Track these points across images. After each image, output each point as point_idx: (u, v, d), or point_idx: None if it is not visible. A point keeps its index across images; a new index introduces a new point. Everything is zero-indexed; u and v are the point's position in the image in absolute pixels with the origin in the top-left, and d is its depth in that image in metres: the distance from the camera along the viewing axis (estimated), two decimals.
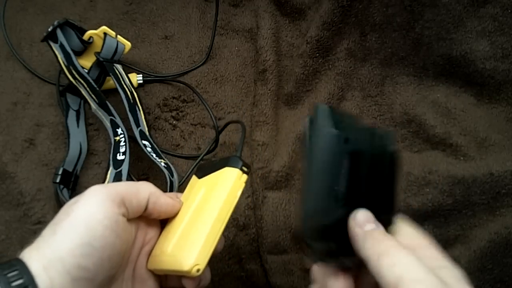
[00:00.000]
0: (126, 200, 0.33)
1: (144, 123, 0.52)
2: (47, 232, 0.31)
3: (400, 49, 0.55)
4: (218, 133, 0.52)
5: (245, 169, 0.37)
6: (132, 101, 0.52)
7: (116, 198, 0.33)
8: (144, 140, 0.50)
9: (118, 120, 0.50)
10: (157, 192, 0.36)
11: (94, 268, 0.30)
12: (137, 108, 0.52)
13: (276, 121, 0.55)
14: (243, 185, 0.37)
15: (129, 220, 0.34)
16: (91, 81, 0.49)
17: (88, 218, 0.31)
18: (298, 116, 0.55)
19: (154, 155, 0.49)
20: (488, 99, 0.53)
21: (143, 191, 0.35)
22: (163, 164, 0.48)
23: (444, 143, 0.51)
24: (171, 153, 0.54)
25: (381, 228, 0.28)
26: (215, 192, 0.36)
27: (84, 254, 0.30)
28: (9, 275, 0.29)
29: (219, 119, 0.56)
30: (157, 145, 0.52)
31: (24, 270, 0.29)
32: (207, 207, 0.36)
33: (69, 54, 0.49)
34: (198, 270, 0.33)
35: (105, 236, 0.31)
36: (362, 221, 0.28)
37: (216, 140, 0.52)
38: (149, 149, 0.49)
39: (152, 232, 0.38)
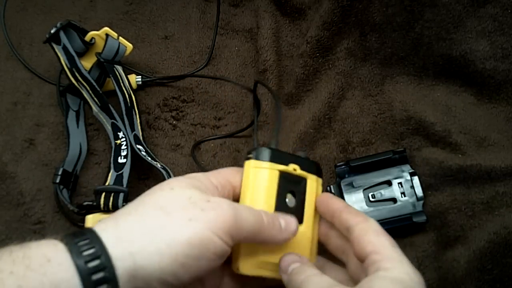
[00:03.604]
0: (242, 238, 0.32)
1: (139, 127, 0.53)
2: (149, 215, 0.29)
3: (400, 49, 0.55)
4: (256, 99, 0.48)
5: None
6: (129, 104, 0.52)
7: (236, 234, 0.31)
8: (138, 144, 0.50)
9: (119, 124, 0.50)
10: (275, 239, 0.34)
11: (186, 280, 0.29)
12: (133, 112, 0.52)
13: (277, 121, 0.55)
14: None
15: None
16: (94, 83, 0.49)
17: (207, 237, 0.29)
18: (298, 116, 0.55)
19: (149, 158, 0.49)
20: (488, 99, 0.53)
21: (262, 236, 0.33)
22: (159, 166, 0.48)
23: (444, 141, 0.51)
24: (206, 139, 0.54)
25: (304, 261, 0.34)
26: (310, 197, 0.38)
27: (186, 265, 0.29)
28: (85, 253, 0.27)
29: (219, 119, 0.56)
30: (156, 145, 0.52)
31: (101, 249, 0.27)
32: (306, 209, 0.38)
33: (72, 56, 0.49)
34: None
35: (212, 260, 0.30)
36: (286, 265, 0.34)
37: (258, 108, 0.49)
38: (143, 153, 0.49)
39: None
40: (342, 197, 0.50)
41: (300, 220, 0.37)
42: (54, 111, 0.55)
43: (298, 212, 0.37)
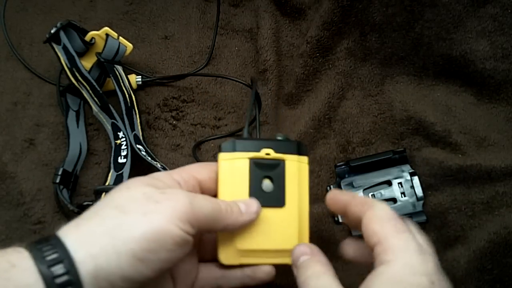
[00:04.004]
0: (201, 227, 0.32)
1: (139, 127, 0.53)
2: (108, 216, 0.30)
3: (400, 49, 0.55)
4: (255, 93, 0.47)
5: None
6: (129, 104, 0.52)
7: (194, 222, 0.31)
8: (138, 144, 0.50)
9: (120, 124, 0.50)
10: (237, 223, 0.34)
11: (150, 275, 0.29)
12: (133, 112, 0.52)
13: (277, 121, 0.55)
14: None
15: None
16: (94, 83, 0.49)
17: (163, 229, 0.29)
18: (298, 116, 0.55)
19: (149, 158, 0.49)
20: (488, 99, 0.53)
21: (223, 222, 0.33)
22: (159, 166, 0.48)
23: (444, 141, 0.51)
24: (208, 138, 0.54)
25: (315, 252, 0.35)
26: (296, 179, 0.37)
27: (146, 260, 0.29)
28: (49, 258, 0.27)
29: (219, 119, 0.56)
30: (156, 145, 0.52)
31: (64, 253, 0.27)
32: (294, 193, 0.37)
33: (72, 56, 0.49)
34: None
35: (172, 251, 0.30)
36: (296, 257, 0.35)
37: (259, 103, 0.48)
38: (143, 153, 0.49)
39: None
40: None
41: (281, 203, 0.36)
42: (54, 111, 0.55)
43: (278, 196, 0.36)
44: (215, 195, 0.36)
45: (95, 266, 0.28)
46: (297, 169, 0.37)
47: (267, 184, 0.37)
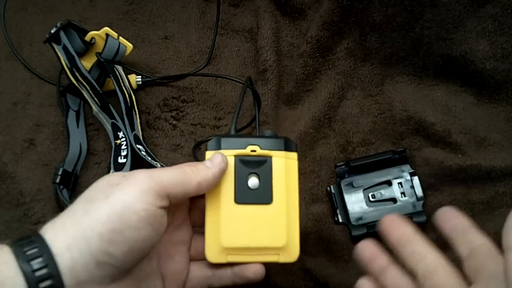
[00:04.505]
0: (171, 193, 0.32)
1: (139, 127, 0.53)
2: (78, 208, 0.30)
3: (400, 49, 0.55)
4: (256, 94, 0.47)
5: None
6: (129, 104, 0.52)
7: (160, 191, 0.31)
8: (138, 144, 0.50)
9: (120, 124, 0.50)
10: (208, 177, 0.34)
11: (122, 257, 0.30)
12: (133, 112, 0.52)
13: (277, 121, 0.55)
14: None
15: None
16: (94, 83, 0.49)
17: (125, 206, 0.30)
18: (298, 116, 0.55)
19: (149, 158, 0.49)
20: (488, 99, 0.53)
21: (193, 182, 0.33)
22: (159, 165, 0.48)
23: (444, 141, 0.51)
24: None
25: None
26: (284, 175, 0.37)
27: (114, 241, 0.29)
28: (28, 252, 0.28)
29: (219, 119, 0.56)
30: (156, 145, 0.52)
31: (44, 248, 0.28)
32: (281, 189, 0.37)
33: (72, 56, 0.49)
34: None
35: (139, 228, 0.30)
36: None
37: (259, 103, 0.47)
38: (143, 153, 0.49)
39: (179, 210, 0.37)
40: (342, 197, 0.50)
41: (269, 200, 0.36)
42: (54, 111, 0.55)
43: (265, 193, 0.36)
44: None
45: (71, 258, 0.28)
46: (284, 166, 0.37)
47: (253, 181, 0.36)
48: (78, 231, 0.29)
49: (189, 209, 0.38)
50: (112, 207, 0.30)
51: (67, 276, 0.28)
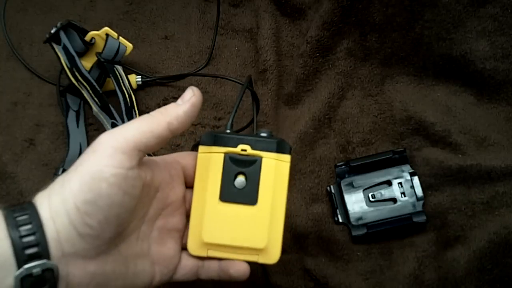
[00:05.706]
0: (141, 145, 0.31)
1: None
2: (58, 181, 0.30)
3: (400, 49, 0.55)
4: (254, 94, 0.46)
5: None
6: (129, 104, 0.52)
7: (127, 149, 0.30)
8: None
9: (120, 124, 0.50)
10: (179, 115, 0.33)
11: (99, 226, 0.29)
12: (133, 112, 0.52)
13: (277, 121, 0.55)
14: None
15: (145, 175, 0.32)
16: (94, 83, 0.49)
17: (93, 175, 0.29)
18: (298, 116, 0.55)
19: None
20: (488, 99, 0.53)
21: (162, 123, 0.33)
22: None
23: (444, 141, 0.51)
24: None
25: None
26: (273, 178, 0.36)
27: (89, 212, 0.29)
28: (18, 218, 0.28)
29: (219, 119, 0.56)
30: None
31: (34, 216, 0.29)
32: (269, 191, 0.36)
33: (72, 56, 0.49)
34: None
35: (111, 195, 0.29)
36: None
37: (257, 103, 0.46)
38: None
39: (173, 195, 0.37)
40: (342, 197, 0.50)
41: (253, 202, 0.36)
42: (54, 111, 0.55)
43: (250, 194, 0.36)
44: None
45: (56, 229, 0.29)
46: (274, 168, 0.36)
47: (240, 180, 0.36)
48: (58, 203, 0.29)
49: (184, 197, 0.38)
50: (82, 177, 0.29)
51: (53, 246, 0.28)
